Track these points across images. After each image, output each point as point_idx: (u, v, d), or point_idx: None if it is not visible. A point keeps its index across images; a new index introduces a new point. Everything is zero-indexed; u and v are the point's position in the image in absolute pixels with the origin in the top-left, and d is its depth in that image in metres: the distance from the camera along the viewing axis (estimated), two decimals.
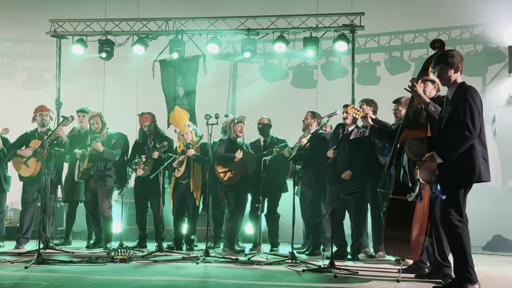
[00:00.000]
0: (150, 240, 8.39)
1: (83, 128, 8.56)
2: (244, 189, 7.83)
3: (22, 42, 11.37)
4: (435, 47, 5.00)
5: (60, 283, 5.10)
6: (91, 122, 8.09)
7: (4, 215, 8.41)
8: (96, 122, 8.04)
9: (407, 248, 4.85)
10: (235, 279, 5.42)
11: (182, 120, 8.05)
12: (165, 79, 10.25)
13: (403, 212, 4.81)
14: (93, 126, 8.06)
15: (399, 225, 4.86)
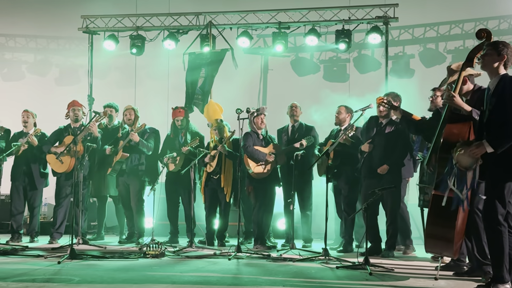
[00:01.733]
0: (182, 236, 8.37)
1: (110, 123, 8.57)
2: (272, 183, 7.73)
3: (55, 39, 11.48)
4: (481, 36, 4.80)
5: (92, 278, 5.10)
6: (125, 114, 8.12)
7: (39, 210, 8.51)
8: (129, 114, 8.07)
9: (449, 246, 4.70)
10: (268, 275, 5.34)
11: (216, 114, 7.98)
12: (190, 71, 10.17)
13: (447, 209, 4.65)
14: (126, 117, 8.09)
15: (443, 222, 4.70)
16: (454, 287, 4.82)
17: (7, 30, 11.43)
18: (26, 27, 11.42)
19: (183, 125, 8.12)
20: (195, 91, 9.93)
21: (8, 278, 5.07)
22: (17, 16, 11.39)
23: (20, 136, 8.21)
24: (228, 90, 10.20)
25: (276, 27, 10.20)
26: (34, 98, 10.80)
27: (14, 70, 11.49)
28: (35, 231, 8.33)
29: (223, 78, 9.90)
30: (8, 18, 11.38)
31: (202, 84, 10.02)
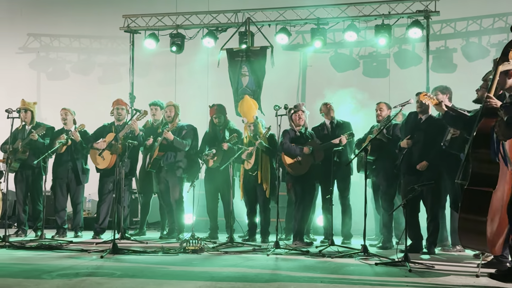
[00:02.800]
0: (221, 231, 8.44)
1: (156, 121, 8.71)
2: (312, 180, 7.71)
3: (97, 38, 11.71)
4: None
5: (133, 272, 5.19)
6: (165, 110, 8.23)
7: (82, 206, 8.72)
8: (170, 111, 8.19)
9: (482, 240, 4.63)
10: (306, 271, 5.34)
11: (251, 110, 8.01)
12: (231, 68, 10.26)
13: (478, 203, 4.60)
14: (166, 113, 8.20)
15: (473, 216, 4.66)
16: (496, 285, 4.73)
17: (51, 30, 11.72)
18: (70, 28, 11.69)
19: (221, 122, 8.18)
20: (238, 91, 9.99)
21: (53, 271, 5.22)
22: (61, 17, 11.66)
23: (61, 133, 8.41)
24: (266, 87, 10.23)
25: (315, 23, 10.16)
26: (78, 96, 11.05)
27: (58, 69, 11.77)
28: (79, 227, 8.53)
29: None
30: (53, 18, 11.66)
31: (249, 83, 10.07)
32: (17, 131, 8.52)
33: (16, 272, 5.18)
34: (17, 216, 8.82)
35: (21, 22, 11.68)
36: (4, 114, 7.68)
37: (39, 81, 11.72)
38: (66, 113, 8.50)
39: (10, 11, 11.72)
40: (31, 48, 11.76)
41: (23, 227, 8.59)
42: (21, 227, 8.60)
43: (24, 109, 8.52)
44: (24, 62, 11.70)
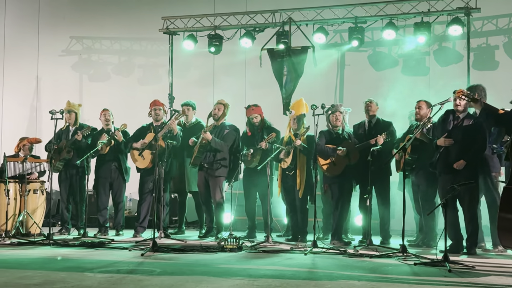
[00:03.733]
0: (259, 231, 8.48)
1: (188, 121, 8.80)
2: (348, 180, 7.66)
3: (137, 40, 11.90)
4: None
5: (173, 270, 5.28)
6: (215, 107, 8.33)
7: (123, 205, 8.89)
8: (218, 109, 8.29)
9: None
10: (343, 270, 5.34)
11: (300, 108, 7.99)
12: (275, 68, 10.24)
13: None
14: (214, 111, 8.30)
15: None
16: None
17: (93, 33, 11.96)
18: (111, 30, 11.90)
19: (259, 122, 8.22)
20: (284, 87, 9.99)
21: (95, 268, 5.35)
22: (102, 20, 11.89)
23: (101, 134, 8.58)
24: (304, 86, 10.20)
25: (353, 22, 10.10)
26: (118, 97, 11.25)
27: (100, 71, 12.01)
28: (120, 225, 8.70)
29: None
30: (95, 21, 11.90)
31: (285, 83, 10.09)
32: (61, 132, 8.74)
33: (59, 269, 5.34)
34: (60, 215, 9.05)
35: (64, 26, 11.95)
36: (48, 115, 7.89)
37: (81, 83, 11.98)
38: (108, 114, 8.68)
39: (53, 15, 12.01)
40: (73, 50, 12.03)
41: (66, 226, 8.81)
42: (65, 225, 8.82)
43: (69, 110, 8.74)
44: (67, 64, 11.98)
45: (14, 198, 8.18)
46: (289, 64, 10.13)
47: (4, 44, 11.84)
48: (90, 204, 9.23)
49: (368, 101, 7.90)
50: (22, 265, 5.54)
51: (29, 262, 5.79)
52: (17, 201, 8.24)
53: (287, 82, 10.07)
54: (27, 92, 11.95)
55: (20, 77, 11.92)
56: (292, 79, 10.02)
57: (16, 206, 8.22)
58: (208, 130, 8.07)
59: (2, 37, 11.85)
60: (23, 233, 8.10)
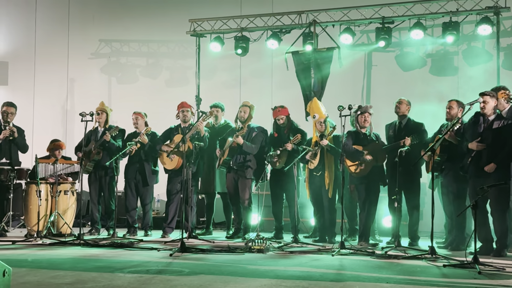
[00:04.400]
0: (286, 232, 8.49)
1: (217, 123, 8.86)
2: (375, 181, 7.62)
3: (165, 43, 12.01)
4: None
5: (201, 270, 5.33)
6: (240, 110, 8.37)
7: (151, 206, 8.98)
8: (244, 111, 8.32)
9: None
10: (371, 272, 5.32)
11: (321, 110, 8.00)
12: (300, 72, 10.26)
13: None
14: (240, 113, 8.34)
15: None
16: None
17: (122, 36, 12.11)
18: (138, 33, 12.04)
19: (285, 123, 8.23)
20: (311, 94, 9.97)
21: (125, 268, 5.43)
22: (131, 23, 12.03)
23: (134, 136, 8.70)
24: (331, 87, 10.18)
25: (380, 22, 10.04)
26: (146, 99, 11.37)
27: (128, 73, 12.16)
28: (148, 226, 8.79)
29: None
30: (123, 24, 12.05)
31: (313, 85, 10.05)
32: (90, 133, 8.88)
33: (90, 268, 5.43)
34: (90, 215, 9.19)
35: (93, 29, 12.14)
36: (78, 117, 8.02)
37: (110, 85, 12.14)
38: (137, 117, 8.79)
39: (82, 18, 12.20)
40: (102, 53, 12.20)
41: (96, 226, 8.94)
42: (95, 226, 8.95)
43: (101, 110, 8.88)
44: (96, 67, 12.16)
45: (45, 199, 8.33)
46: (315, 66, 10.10)
47: (35, 47, 12.07)
48: (119, 204, 9.35)
49: (398, 101, 7.83)
50: (54, 265, 5.65)
51: (61, 262, 5.90)
52: (48, 201, 8.39)
53: (315, 85, 10.03)
54: (58, 94, 12.15)
55: (50, 79, 12.13)
56: (319, 80, 9.98)
57: (48, 206, 8.38)
58: (240, 135, 8.11)
59: (33, 40, 12.08)
60: (54, 233, 8.25)
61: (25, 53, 12.04)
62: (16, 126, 8.78)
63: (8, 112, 8.70)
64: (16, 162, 8.73)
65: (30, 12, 12.06)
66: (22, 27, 12.06)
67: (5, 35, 11.97)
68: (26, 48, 12.06)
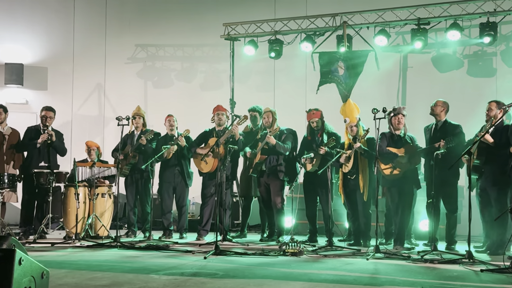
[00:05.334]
0: (321, 235, 8.47)
1: (255, 126, 8.90)
2: (409, 184, 7.52)
3: (199, 47, 12.12)
4: None
5: (235, 273, 5.36)
6: (263, 116, 8.41)
7: (187, 209, 9.07)
8: (268, 117, 8.35)
9: None
10: (406, 276, 5.26)
11: (353, 112, 7.97)
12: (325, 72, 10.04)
13: None
14: (264, 120, 8.37)
15: None
16: None
17: (157, 40, 12.27)
18: (174, 37, 12.18)
19: (319, 126, 8.22)
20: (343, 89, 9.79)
21: (160, 270, 5.50)
22: (166, 28, 12.17)
23: (169, 139, 8.80)
24: (365, 89, 10.10)
25: (415, 23, 9.92)
26: (181, 103, 11.49)
27: (163, 77, 12.30)
28: (183, 228, 8.88)
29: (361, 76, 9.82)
30: (158, 29, 12.20)
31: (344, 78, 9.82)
32: (127, 137, 9.02)
33: (126, 270, 5.52)
34: (127, 218, 9.33)
35: (129, 34, 12.32)
36: (114, 121, 8.16)
37: (146, 89, 12.31)
38: (172, 119, 8.89)
39: (119, 24, 12.40)
40: (138, 58, 12.37)
41: (132, 228, 9.07)
42: (131, 228, 9.08)
43: (137, 114, 9.02)
44: (132, 71, 12.33)
45: (83, 201, 8.50)
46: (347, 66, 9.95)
47: (73, 53, 12.32)
48: (155, 207, 9.47)
49: (434, 104, 7.72)
50: (91, 267, 5.76)
51: (98, 263, 6.01)
52: (86, 204, 8.56)
53: (346, 77, 9.86)
54: (95, 98, 12.37)
55: (88, 84, 12.36)
56: (351, 75, 9.79)
57: (85, 209, 8.54)
58: (272, 135, 8.14)
59: (71, 46, 12.33)
60: (92, 235, 8.41)
61: (63, 58, 12.30)
62: (55, 130, 8.99)
63: (47, 117, 8.92)
64: (55, 166, 8.93)
65: (68, 18, 12.31)
66: (61, 33, 12.32)
67: (45, 41, 12.25)
68: (64, 54, 12.31)
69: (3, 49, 11.97)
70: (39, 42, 12.23)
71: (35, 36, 12.18)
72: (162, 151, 8.52)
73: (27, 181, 8.78)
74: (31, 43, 12.17)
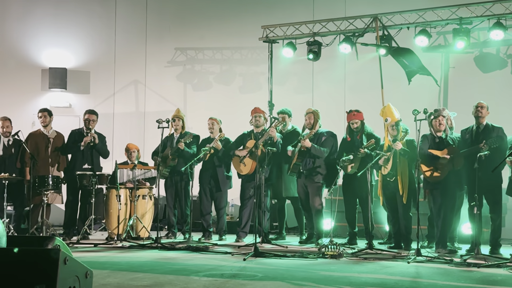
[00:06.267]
0: (360, 237, 8.39)
1: (284, 129, 8.89)
2: (452, 186, 7.36)
3: (238, 49, 12.18)
4: None
5: (274, 275, 5.36)
6: (305, 118, 8.39)
7: (225, 211, 9.12)
8: (309, 118, 8.32)
9: None
10: (449, 280, 5.17)
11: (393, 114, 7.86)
12: None
13: None
14: (306, 121, 8.36)
15: None
16: None
17: (196, 44, 12.38)
18: (213, 41, 12.27)
19: (359, 128, 8.15)
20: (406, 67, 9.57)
21: (200, 272, 5.55)
22: (205, 31, 12.27)
23: (208, 142, 8.87)
24: (406, 90, 9.97)
25: (457, 23, 9.74)
26: (220, 105, 11.56)
27: (202, 80, 12.40)
28: (223, 230, 8.93)
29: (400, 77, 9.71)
30: (198, 33, 12.31)
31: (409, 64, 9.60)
32: (167, 139, 9.13)
33: (167, 271, 5.59)
34: (167, 219, 9.44)
35: (169, 38, 12.47)
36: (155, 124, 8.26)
37: (185, 92, 12.44)
38: (213, 122, 8.96)
39: (159, 28, 12.56)
40: (178, 61, 12.51)
41: (172, 230, 9.17)
42: (171, 229, 9.18)
43: (177, 117, 9.13)
44: (172, 75, 12.47)
45: (125, 203, 8.64)
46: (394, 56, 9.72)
47: (114, 57, 12.54)
48: (195, 209, 9.53)
49: (477, 104, 7.55)
50: (133, 267, 5.85)
51: (139, 264, 6.11)
52: (127, 206, 8.69)
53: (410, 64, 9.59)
54: (136, 102, 12.56)
55: (129, 87, 12.55)
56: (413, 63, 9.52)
57: (127, 211, 8.68)
58: (307, 138, 8.12)
59: (113, 49, 12.55)
60: (133, 236, 8.54)
61: (105, 62, 12.52)
62: (97, 132, 9.17)
63: (90, 120, 9.11)
64: (97, 168, 9.11)
65: (110, 23, 12.54)
66: (103, 38, 12.55)
67: (88, 46, 12.50)
68: (106, 58, 12.54)
69: (48, 54, 12.27)
70: (82, 46, 12.48)
71: (79, 41, 12.44)
72: (200, 154, 8.60)
73: (70, 183, 8.98)
74: (74, 47, 12.43)
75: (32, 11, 12.32)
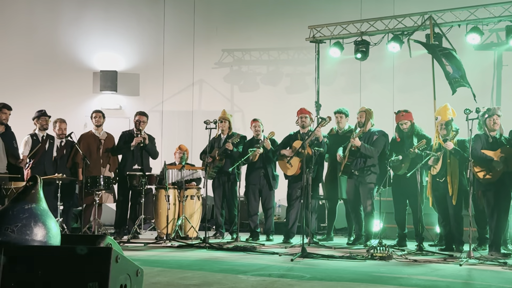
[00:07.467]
0: (410, 239, 8.25)
1: (340, 129, 8.82)
2: (506, 187, 7.12)
3: (285, 50, 12.17)
4: None
5: (322, 276, 5.33)
6: (357, 116, 8.31)
7: (273, 211, 9.13)
8: (361, 116, 8.25)
9: None
10: (503, 283, 5.03)
11: (447, 113, 7.69)
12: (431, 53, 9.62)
13: None
14: (358, 119, 8.29)
15: None
16: None
17: (243, 45, 12.44)
18: (259, 42, 12.30)
19: (409, 128, 8.01)
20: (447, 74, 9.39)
21: (248, 272, 5.56)
22: (251, 32, 12.32)
23: (255, 142, 8.90)
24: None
25: (510, 20, 9.47)
26: (267, 106, 11.58)
27: (249, 81, 12.45)
28: (270, 230, 8.94)
29: None
30: (244, 34, 12.37)
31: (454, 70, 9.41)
32: (214, 140, 9.21)
33: (215, 271, 5.63)
34: (215, 220, 9.51)
35: (216, 40, 12.57)
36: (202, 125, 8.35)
37: (232, 93, 12.51)
38: (257, 124, 8.98)
39: (206, 30, 12.68)
40: (225, 63, 12.60)
41: (220, 230, 9.23)
42: (219, 229, 9.25)
43: (224, 118, 9.20)
44: (219, 76, 12.57)
45: (173, 203, 8.75)
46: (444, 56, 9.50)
47: (163, 59, 12.73)
48: (242, 209, 9.59)
49: None
50: (182, 266, 5.92)
51: (188, 263, 6.18)
52: (176, 206, 8.81)
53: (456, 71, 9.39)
54: (184, 103, 12.70)
55: (177, 89, 12.72)
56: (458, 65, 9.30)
57: (176, 211, 8.79)
58: (357, 136, 8.04)
59: (161, 52, 12.75)
60: (181, 236, 8.64)
61: (154, 65, 12.72)
62: (147, 134, 9.33)
63: (141, 121, 9.28)
64: (147, 168, 9.27)
65: (158, 26, 12.73)
66: (152, 40, 12.76)
67: (137, 48, 12.73)
68: (155, 60, 12.74)
69: (99, 57, 12.56)
70: (132, 49, 12.72)
71: (128, 44, 12.68)
72: (248, 154, 8.63)
73: (121, 183, 9.17)
74: (124, 50, 12.68)
75: (83, 16, 12.64)
